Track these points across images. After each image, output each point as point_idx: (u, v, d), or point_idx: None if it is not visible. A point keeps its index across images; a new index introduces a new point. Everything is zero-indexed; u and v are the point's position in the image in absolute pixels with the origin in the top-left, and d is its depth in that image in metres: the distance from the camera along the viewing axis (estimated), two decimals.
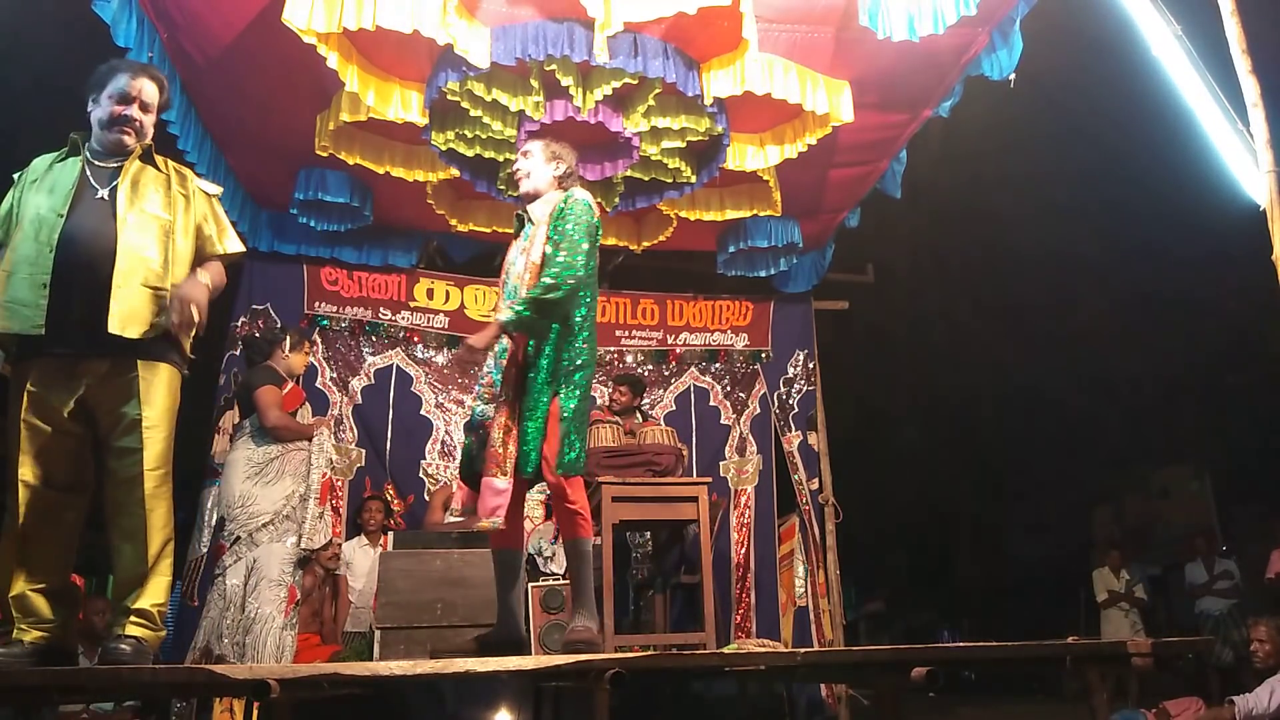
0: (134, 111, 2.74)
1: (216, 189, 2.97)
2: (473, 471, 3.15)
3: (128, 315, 2.55)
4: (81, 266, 2.53)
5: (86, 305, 2.52)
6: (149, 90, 2.79)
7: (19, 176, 2.76)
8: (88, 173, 2.68)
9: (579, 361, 3.14)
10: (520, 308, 3.03)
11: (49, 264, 2.52)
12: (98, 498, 2.64)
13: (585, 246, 3.12)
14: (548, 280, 3.05)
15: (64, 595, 2.61)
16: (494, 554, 3.24)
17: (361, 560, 5.48)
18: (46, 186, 2.66)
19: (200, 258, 2.82)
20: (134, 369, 2.58)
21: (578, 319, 3.15)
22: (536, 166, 3.37)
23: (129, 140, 2.73)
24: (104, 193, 2.65)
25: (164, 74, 2.89)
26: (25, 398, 2.52)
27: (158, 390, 2.61)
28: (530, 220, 3.33)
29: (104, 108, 2.73)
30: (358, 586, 5.38)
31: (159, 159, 2.82)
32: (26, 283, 2.51)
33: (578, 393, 3.11)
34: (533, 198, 3.38)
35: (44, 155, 2.78)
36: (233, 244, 2.92)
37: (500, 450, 3.00)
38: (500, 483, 2.98)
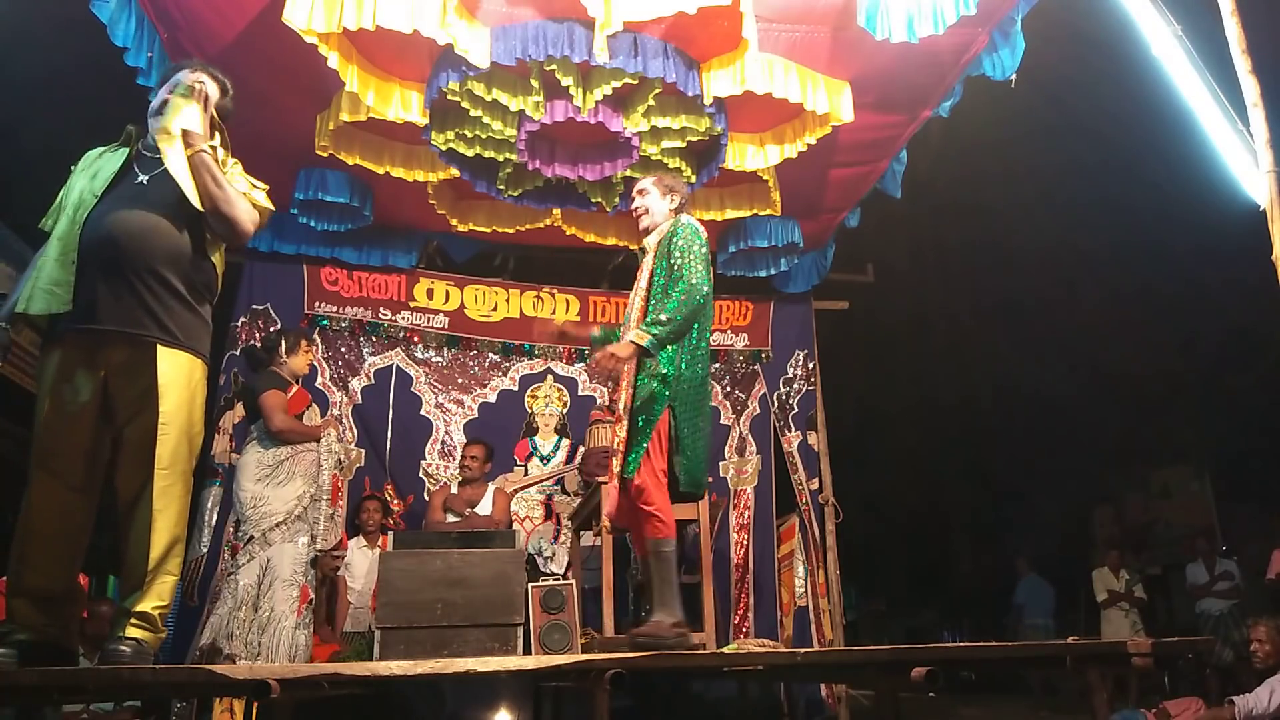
0: None
1: (263, 186, 2.95)
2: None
3: (149, 297, 2.55)
4: (107, 245, 2.53)
5: (108, 284, 2.51)
6: (210, 90, 2.82)
7: (73, 168, 2.77)
8: (134, 161, 2.70)
9: (689, 376, 3.35)
10: (657, 330, 3.20)
11: (76, 241, 2.53)
12: (107, 495, 2.62)
13: (701, 267, 3.32)
14: (673, 306, 3.23)
15: (68, 596, 2.59)
16: None
17: (360, 560, 5.48)
18: (91, 172, 2.68)
19: None
20: (153, 358, 2.53)
21: (693, 337, 3.37)
22: (654, 202, 3.55)
23: None
24: (144, 178, 2.66)
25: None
26: (50, 394, 2.50)
27: (176, 383, 2.56)
28: (644, 250, 3.54)
29: (159, 98, 2.77)
30: (356, 587, 5.39)
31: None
32: (59, 262, 2.52)
33: (693, 408, 3.36)
34: (649, 231, 3.56)
35: (98, 148, 2.79)
36: (259, 198, 2.86)
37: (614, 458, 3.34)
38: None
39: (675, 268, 3.32)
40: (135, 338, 2.53)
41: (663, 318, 3.21)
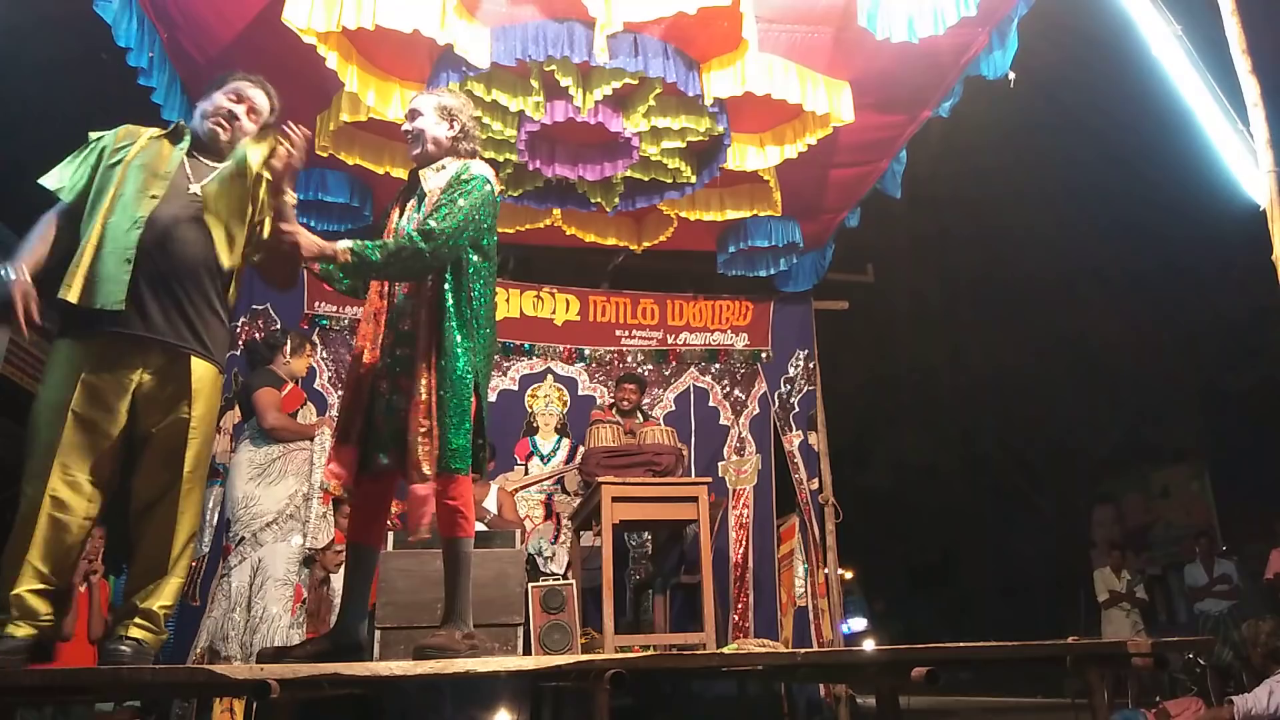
0: (239, 110, 2.79)
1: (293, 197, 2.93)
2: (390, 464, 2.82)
3: (191, 309, 2.58)
4: (164, 254, 2.54)
5: (159, 292, 2.53)
6: (260, 100, 2.85)
7: (96, 143, 2.71)
8: (186, 165, 2.69)
9: (489, 350, 2.95)
10: (367, 255, 2.69)
11: (134, 241, 2.51)
12: (122, 496, 2.61)
13: (473, 219, 2.82)
14: (416, 237, 2.72)
15: (63, 595, 2.60)
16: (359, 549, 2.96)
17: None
18: (142, 162, 2.65)
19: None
20: (188, 367, 2.57)
21: (477, 307, 2.89)
22: (427, 126, 3.00)
23: (222, 133, 2.75)
24: (196, 188, 2.66)
25: (168, 77, 2.90)
26: (80, 387, 2.47)
27: (206, 392, 2.61)
28: (423, 188, 2.98)
29: (212, 100, 2.78)
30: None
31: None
32: (114, 257, 2.51)
33: (481, 386, 2.91)
34: (425, 161, 3.02)
35: (134, 126, 2.76)
36: None
37: (420, 453, 2.71)
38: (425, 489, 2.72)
39: (440, 208, 2.79)
40: (175, 348, 2.57)
41: (377, 251, 2.70)
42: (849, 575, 20.67)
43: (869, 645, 4.86)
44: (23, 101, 5.98)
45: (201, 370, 2.61)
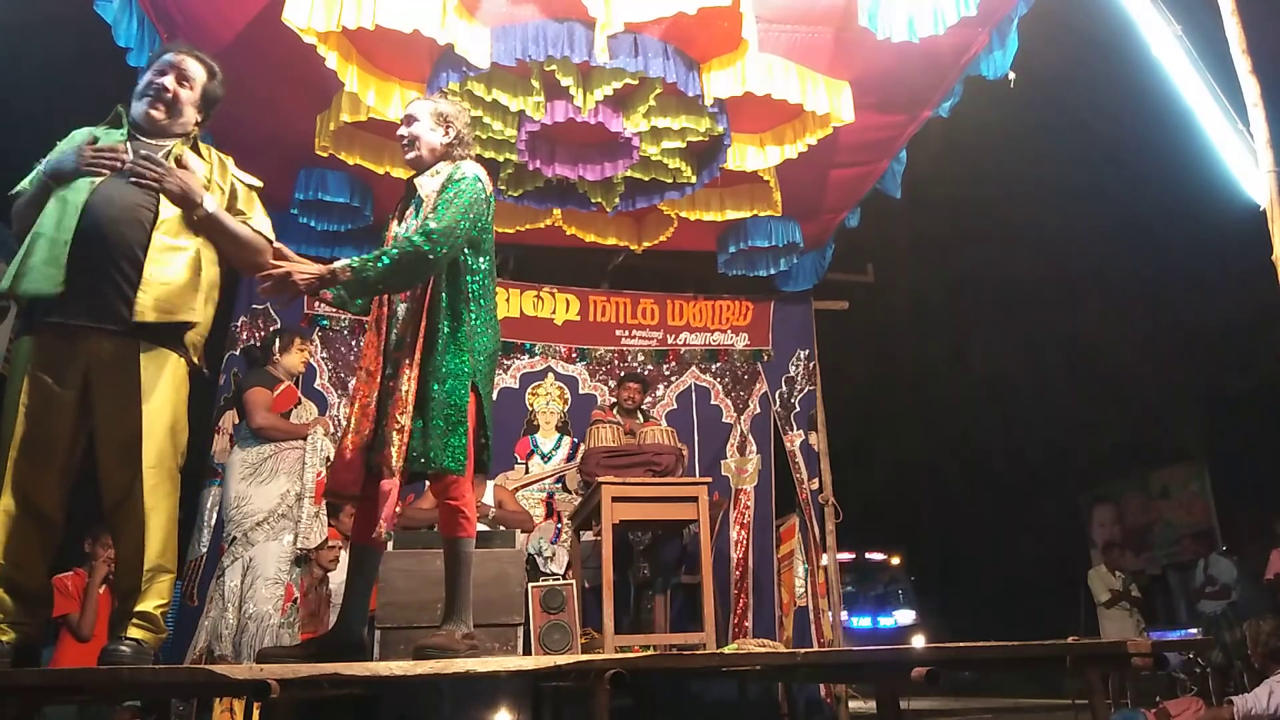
0: (169, 81, 2.69)
1: (257, 182, 2.89)
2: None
3: (145, 300, 2.48)
4: (94, 236, 2.46)
5: (98, 278, 2.46)
6: (191, 65, 2.74)
7: (59, 145, 2.69)
8: (128, 149, 2.61)
9: (491, 349, 2.93)
10: (358, 272, 2.66)
11: (72, 226, 2.45)
12: (97, 493, 2.57)
13: (468, 216, 2.82)
14: (416, 239, 2.70)
15: (40, 595, 2.57)
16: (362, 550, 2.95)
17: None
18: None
19: None
20: (137, 355, 2.48)
21: (475, 306, 2.89)
22: (422, 132, 3.01)
23: (158, 113, 2.67)
24: None
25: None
26: (26, 381, 2.43)
27: (162, 380, 2.51)
28: (420, 194, 2.97)
29: (143, 79, 2.71)
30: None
31: (204, 147, 2.78)
32: (49, 244, 2.45)
33: (489, 383, 2.93)
34: (419, 167, 3.03)
35: (84, 127, 2.72)
36: (261, 224, 2.82)
37: (393, 449, 2.69)
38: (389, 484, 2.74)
39: (436, 210, 2.80)
40: (120, 335, 2.48)
41: (377, 263, 2.67)
42: (895, 561, 20.34)
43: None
44: (22, 101, 5.97)
45: (155, 359, 2.51)
